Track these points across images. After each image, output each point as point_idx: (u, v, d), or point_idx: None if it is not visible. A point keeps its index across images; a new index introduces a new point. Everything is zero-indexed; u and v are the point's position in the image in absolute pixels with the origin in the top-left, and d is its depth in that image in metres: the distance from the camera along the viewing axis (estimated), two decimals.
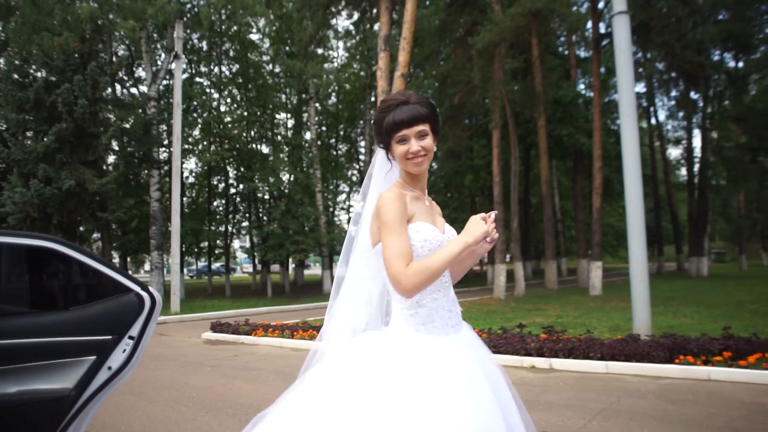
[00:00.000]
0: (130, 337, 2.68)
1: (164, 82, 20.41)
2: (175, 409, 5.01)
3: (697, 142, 29.63)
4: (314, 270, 47.57)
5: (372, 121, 2.25)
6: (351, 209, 31.02)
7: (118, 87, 20.89)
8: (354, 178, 29.78)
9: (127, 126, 18.29)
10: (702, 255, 25.25)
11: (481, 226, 1.63)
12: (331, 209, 28.01)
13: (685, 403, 4.79)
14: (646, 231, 7.99)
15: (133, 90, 21.49)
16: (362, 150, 27.33)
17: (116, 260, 26.06)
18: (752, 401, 4.82)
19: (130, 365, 2.67)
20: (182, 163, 20.49)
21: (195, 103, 21.94)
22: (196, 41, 23.22)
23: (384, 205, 1.64)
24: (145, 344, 2.77)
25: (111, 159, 19.51)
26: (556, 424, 4.29)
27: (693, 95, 25.67)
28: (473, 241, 1.61)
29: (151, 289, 2.82)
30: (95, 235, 19.10)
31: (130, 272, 28.30)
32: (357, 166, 29.53)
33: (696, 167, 26.45)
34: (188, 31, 20.97)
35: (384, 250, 1.61)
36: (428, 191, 1.86)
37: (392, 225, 1.61)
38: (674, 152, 38.19)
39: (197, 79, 23.66)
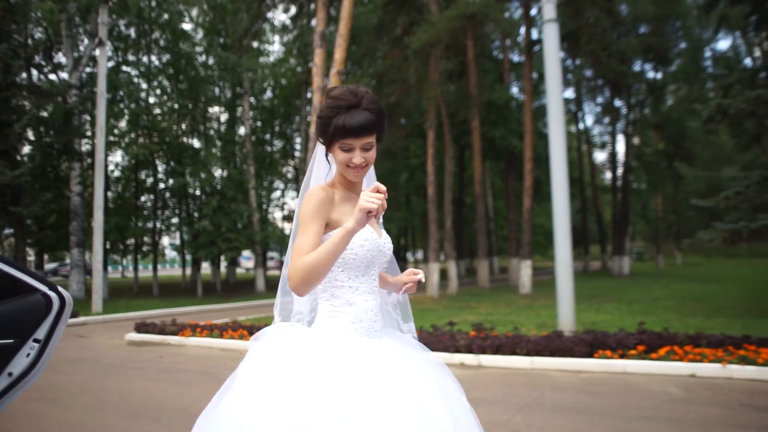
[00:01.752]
0: (36, 341, 2.48)
1: (87, 69, 19.27)
2: (92, 415, 4.72)
3: (620, 147, 31.36)
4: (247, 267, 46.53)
5: (317, 115, 2.07)
6: (285, 206, 30.61)
7: (35, 72, 19.49)
8: (289, 175, 29.37)
9: (45, 114, 17.13)
10: (623, 254, 26.71)
11: (363, 202, 1.43)
12: (265, 206, 27.49)
13: (602, 396, 5.03)
14: (573, 231, 8.34)
15: (52, 76, 20.12)
16: (298, 147, 26.96)
17: (31, 258, 24.43)
18: (661, 391, 5.13)
19: (35, 371, 2.47)
20: (107, 155, 19.46)
21: (121, 93, 20.87)
22: (123, 28, 22.08)
23: (303, 202, 1.63)
24: (53, 348, 2.57)
25: (26, 149, 18.24)
26: (482, 420, 4.35)
27: (617, 102, 27.15)
28: (354, 226, 1.47)
29: (60, 289, 2.63)
30: (7, 231, 17.80)
31: (47, 269, 26.53)
32: (292, 163, 29.11)
33: (619, 171, 27.96)
34: (114, 16, 19.90)
35: (290, 245, 1.59)
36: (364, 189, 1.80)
37: (302, 221, 1.59)
38: (600, 156, 40.24)
39: (124, 68, 22.50)
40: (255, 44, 25.03)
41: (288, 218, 30.32)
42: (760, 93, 10.18)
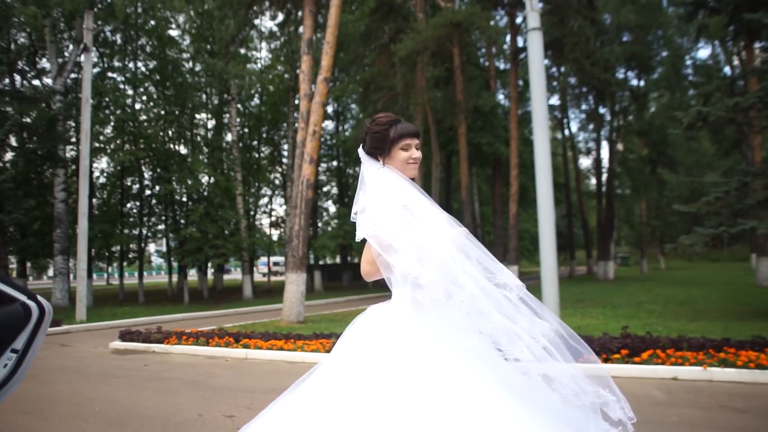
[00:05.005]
0: (14, 351, 2.46)
1: (72, 75, 19.12)
2: (73, 425, 4.67)
3: (605, 153, 31.71)
4: (235, 275, 46.24)
5: (371, 133, 2.21)
6: (273, 213, 30.50)
7: (18, 78, 19.28)
8: (277, 182, 29.27)
9: (29, 121, 16.94)
10: (609, 259, 26.97)
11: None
12: (252, 213, 27.38)
13: None
14: (558, 236, 8.44)
15: (36, 82, 19.91)
16: (285, 153, 26.91)
17: (14, 266, 24.07)
18: (644, 394, 5.19)
19: (12, 381, 2.45)
20: (92, 162, 19.28)
21: (107, 99, 20.68)
22: (109, 34, 21.94)
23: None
24: (31, 358, 2.55)
25: (9, 156, 18.02)
26: None
27: (601, 109, 27.49)
28: None
29: (39, 298, 2.61)
30: None
31: (30, 278, 26.12)
32: (280, 169, 29.05)
33: (604, 177, 28.27)
34: (100, 22, 19.78)
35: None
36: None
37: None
38: (585, 162, 40.61)
39: (110, 74, 22.33)
40: (242, 51, 24.99)
41: (275, 224, 30.24)
42: (738, 101, 10.38)
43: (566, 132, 33.06)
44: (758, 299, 14.01)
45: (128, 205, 23.55)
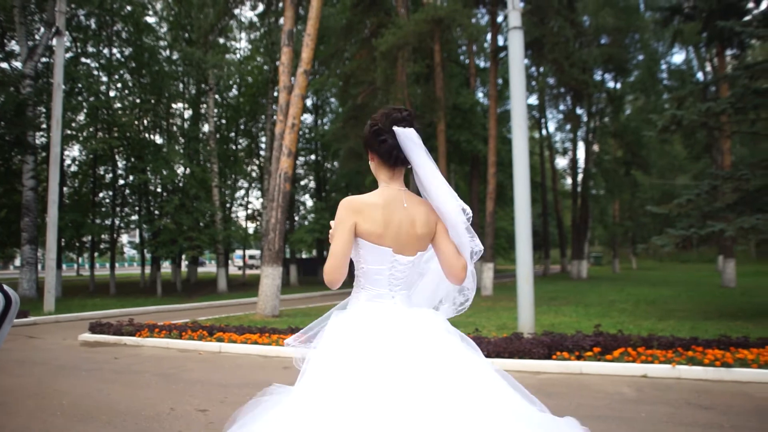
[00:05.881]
0: None
1: (43, 59, 18.57)
2: (40, 419, 4.56)
3: (581, 153, 32.16)
4: (209, 268, 45.72)
5: (411, 120, 2.13)
6: (249, 206, 30.21)
7: None
8: (254, 174, 28.98)
9: None
10: (582, 258, 27.40)
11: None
12: (228, 205, 27.06)
13: (559, 396, 5.15)
14: (534, 235, 8.53)
15: (5, 65, 19.29)
16: (263, 146, 26.63)
17: None
18: (615, 391, 5.29)
19: None
20: (63, 149, 18.81)
21: (80, 85, 20.15)
22: (83, 18, 21.36)
23: None
24: None
25: None
26: None
27: (578, 110, 27.87)
28: None
29: (5, 287, 2.53)
30: None
31: None
32: (257, 162, 28.76)
33: (580, 177, 28.67)
34: (73, 5, 19.26)
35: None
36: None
37: None
38: (561, 162, 41.17)
39: (83, 60, 21.77)
40: (221, 41, 24.62)
41: (251, 218, 29.96)
42: (710, 105, 10.62)
43: (543, 132, 33.44)
44: (723, 299, 14.43)
45: (101, 195, 23.05)
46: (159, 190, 22.76)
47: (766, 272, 25.38)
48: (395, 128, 1.96)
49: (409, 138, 1.96)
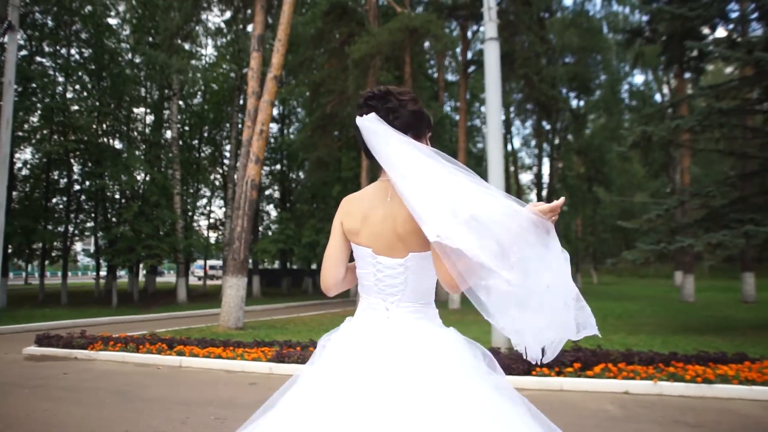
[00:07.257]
0: None
1: None
2: None
3: (545, 169, 32.66)
4: (168, 277, 44.25)
5: (422, 108, 1.83)
6: (212, 215, 29.43)
7: None
8: (217, 183, 28.27)
9: None
10: None
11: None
12: (190, 214, 26.24)
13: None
14: None
15: None
16: (227, 154, 25.98)
17: None
18: (599, 408, 5.12)
19: None
20: (13, 151, 17.82)
21: (34, 85, 19.21)
22: (39, 15, 20.45)
23: None
24: None
25: None
26: None
27: (545, 126, 28.40)
28: None
29: None
30: None
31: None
32: (221, 170, 28.08)
33: (544, 192, 29.10)
34: (28, 1, 18.41)
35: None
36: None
37: None
38: (525, 177, 41.77)
39: (38, 59, 20.81)
40: (187, 46, 23.97)
41: (213, 227, 29.15)
42: (679, 123, 10.82)
43: (509, 147, 33.89)
44: (686, 314, 14.66)
45: (54, 200, 21.96)
46: (117, 196, 21.86)
47: (720, 288, 26.11)
48: (357, 120, 1.66)
49: (365, 127, 1.63)
